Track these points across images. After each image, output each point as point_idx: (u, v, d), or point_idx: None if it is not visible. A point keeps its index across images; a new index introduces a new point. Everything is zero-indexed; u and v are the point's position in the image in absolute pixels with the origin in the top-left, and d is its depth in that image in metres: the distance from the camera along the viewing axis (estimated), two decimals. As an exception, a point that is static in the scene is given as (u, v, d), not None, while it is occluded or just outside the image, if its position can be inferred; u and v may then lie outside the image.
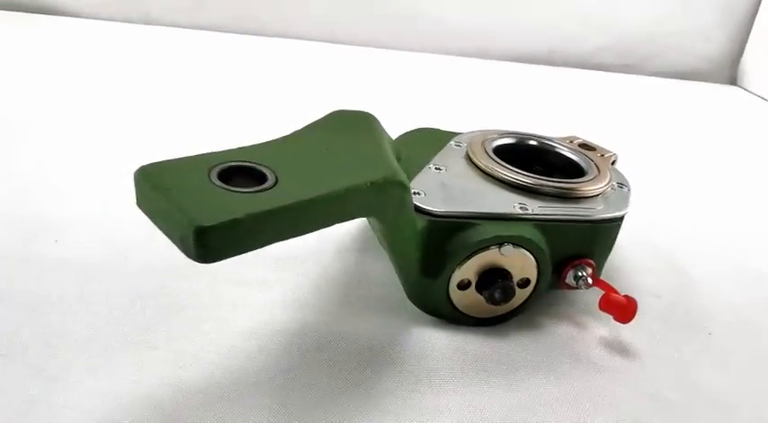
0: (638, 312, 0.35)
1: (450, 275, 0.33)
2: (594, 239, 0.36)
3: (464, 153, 0.40)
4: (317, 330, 0.33)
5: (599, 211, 0.36)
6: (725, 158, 0.72)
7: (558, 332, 0.36)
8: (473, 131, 0.43)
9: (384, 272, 0.39)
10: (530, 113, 0.77)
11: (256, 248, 0.25)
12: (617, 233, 0.36)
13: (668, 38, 0.98)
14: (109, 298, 0.34)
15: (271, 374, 0.30)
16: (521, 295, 0.35)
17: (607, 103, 0.89)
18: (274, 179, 0.26)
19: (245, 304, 0.35)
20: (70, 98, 0.65)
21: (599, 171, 0.39)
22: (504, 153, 0.39)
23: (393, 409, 0.29)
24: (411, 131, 0.43)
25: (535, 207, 0.35)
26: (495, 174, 0.37)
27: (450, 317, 0.35)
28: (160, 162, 0.26)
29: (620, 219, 0.36)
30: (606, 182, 0.38)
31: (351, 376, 0.31)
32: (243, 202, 0.24)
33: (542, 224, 0.34)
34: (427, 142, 0.41)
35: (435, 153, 0.40)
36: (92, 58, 0.80)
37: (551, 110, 0.81)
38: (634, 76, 1.00)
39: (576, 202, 0.36)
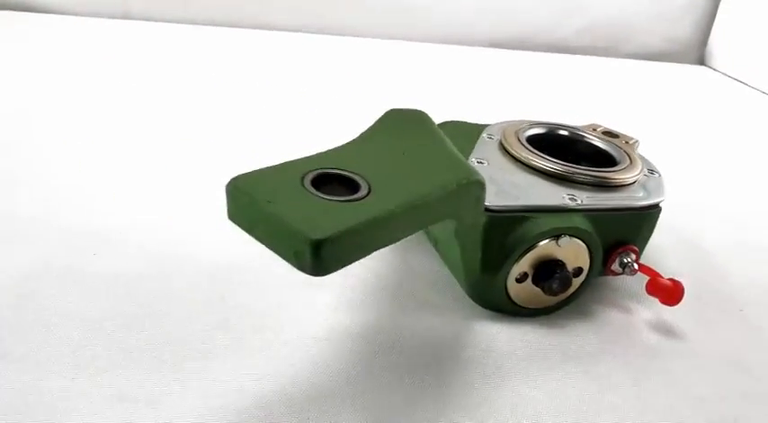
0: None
1: (510, 269, 0.34)
2: (638, 226, 0.37)
3: (497, 145, 0.40)
4: (380, 331, 0.33)
5: (641, 198, 0.37)
6: (700, 133, 0.75)
7: (608, 318, 0.37)
8: (500, 122, 0.43)
9: (428, 269, 0.39)
10: (516, 99, 0.78)
11: (360, 258, 0.25)
12: (657, 219, 0.37)
13: (640, 21, 1.00)
14: (163, 311, 0.33)
15: (342, 380, 0.30)
16: (574, 284, 0.35)
17: (585, 86, 0.90)
18: (367, 186, 0.26)
19: (302, 309, 0.34)
20: (75, 99, 0.63)
21: (630, 159, 0.40)
22: (535, 143, 0.40)
23: (471, 403, 0.29)
24: (440, 124, 0.43)
25: (584, 197, 0.35)
26: (538, 166, 0.37)
27: (508, 310, 0.35)
28: (251, 173, 0.26)
29: (660, 204, 0.37)
30: (640, 169, 0.39)
31: (425, 376, 0.31)
32: (348, 211, 0.24)
33: (591, 214, 0.35)
34: (459, 136, 0.41)
35: (470, 146, 0.40)
36: (86, 57, 0.78)
37: (534, 94, 0.82)
38: (609, 58, 1.02)
39: (616, 191, 0.37)
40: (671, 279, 0.36)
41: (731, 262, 0.45)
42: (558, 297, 0.35)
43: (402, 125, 0.32)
